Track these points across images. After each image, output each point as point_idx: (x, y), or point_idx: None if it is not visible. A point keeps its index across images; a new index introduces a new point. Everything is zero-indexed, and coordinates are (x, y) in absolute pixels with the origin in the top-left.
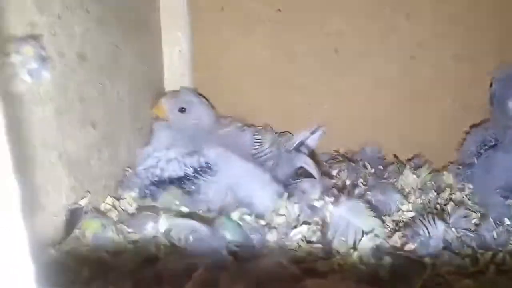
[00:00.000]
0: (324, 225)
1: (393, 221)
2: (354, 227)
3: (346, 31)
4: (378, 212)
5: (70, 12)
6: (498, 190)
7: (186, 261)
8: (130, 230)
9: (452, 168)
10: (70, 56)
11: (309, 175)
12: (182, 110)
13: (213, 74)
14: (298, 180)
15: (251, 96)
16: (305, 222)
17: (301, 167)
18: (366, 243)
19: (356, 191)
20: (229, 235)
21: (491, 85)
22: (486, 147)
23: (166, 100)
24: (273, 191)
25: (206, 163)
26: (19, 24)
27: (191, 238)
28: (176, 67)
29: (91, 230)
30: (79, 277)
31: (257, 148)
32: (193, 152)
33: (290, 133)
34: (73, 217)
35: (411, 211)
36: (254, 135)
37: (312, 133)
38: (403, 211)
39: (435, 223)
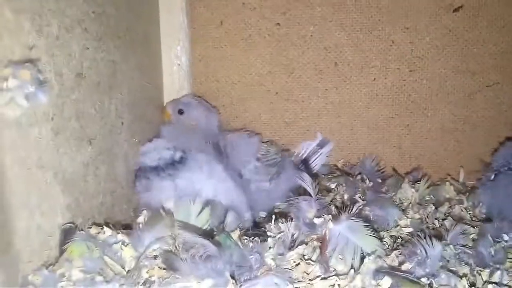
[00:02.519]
0: (322, 244)
1: (391, 236)
2: (353, 246)
3: (346, 44)
4: (377, 226)
5: (68, 32)
6: None
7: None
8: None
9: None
10: (68, 75)
11: (306, 192)
12: (180, 111)
13: (212, 87)
14: (294, 198)
15: (250, 109)
16: (302, 242)
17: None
18: (369, 265)
19: (355, 207)
20: (232, 255)
21: None
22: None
23: (169, 104)
24: (235, 217)
25: (181, 158)
26: (17, 47)
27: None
28: (175, 81)
29: (77, 253)
30: None
31: (264, 154)
32: (176, 147)
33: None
34: (66, 237)
35: (409, 226)
36: (261, 141)
37: (320, 147)
38: (401, 227)
39: (432, 243)
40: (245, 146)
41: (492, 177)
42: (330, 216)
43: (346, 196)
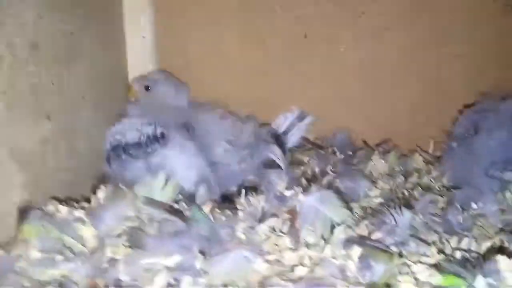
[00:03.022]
0: (293, 216)
1: (362, 207)
2: (324, 217)
3: (315, 15)
4: (347, 198)
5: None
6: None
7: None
8: None
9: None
10: (21, 46)
11: (277, 166)
12: (147, 88)
13: (180, 61)
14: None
15: (221, 84)
16: (273, 215)
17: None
18: (338, 235)
19: (326, 179)
20: (201, 229)
21: None
22: (470, 132)
23: (135, 80)
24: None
25: (162, 133)
26: None
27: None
28: (140, 55)
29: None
30: None
31: (236, 136)
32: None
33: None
34: (23, 216)
35: (379, 197)
36: (234, 123)
37: (299, 120)
38: (371, 198)
39: (401, 212)
40: (216, 128)
41: (454, 145)
42: (300, 188)
43: (317, 169)
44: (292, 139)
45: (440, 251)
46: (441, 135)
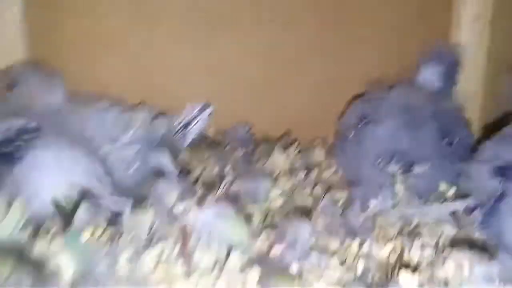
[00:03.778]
0: (184, 236)
1: (262, 211)
2: (220, 237)
3: None
4: (248, 201)
5: None
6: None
7: None
8: None
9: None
10: None
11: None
12: (9, 87)
13: (53, 44)
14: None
15: (106, 72)
16: (161, 236)
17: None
18: (235, 258)
19: (222, 185)
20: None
21: None
22: (366, 120)
23: None
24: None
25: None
26: None
27: None
28: (4, 37)
29: None
30: None
31: (122, 132)
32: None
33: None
34: None
35: (280, 197)
36: (118, 116)
37: (200, 111)
38: (272, 199)
39: (301, 223)
40: (99, 125)
41: (345, 137)
42: (194, 200)
43: (215, 170)
44: (193, 133)
45: (342, 262)
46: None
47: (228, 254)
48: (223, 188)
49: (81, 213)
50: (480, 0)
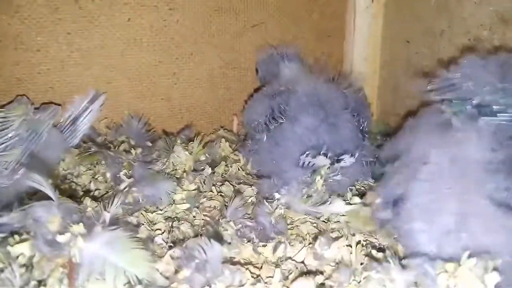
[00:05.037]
0: (70, 270)
1: (166, 219)
2: (113, 268)
3: None
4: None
5: None
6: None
7: None
8: None
9: (226, 135)
10: None
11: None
12: None
13: None
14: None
15: None
16: (41, 273)
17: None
18: None
19: (115, 201)
20: None
21: (256, 71)
22: (276, 122)
23: None
24: None
25: None
26: None
27: None
28: None
29: None
30: None
31: None
32: None
33: (57, 104)
34: None
35: (185, 201)
36: None
37: (90, 102)
38: (176, 204)
39: (211, 243)
40: None
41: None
42: (79, 227)
43: (108, 176)
44: (83, 128)
45: (256, 277)
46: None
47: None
48: (117, 201)
49: None
50: None
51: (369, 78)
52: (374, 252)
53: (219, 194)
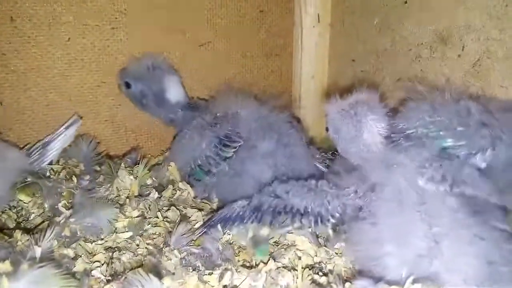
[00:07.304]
0: None
1: (106, 249)
2: None
3: None
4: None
5: None
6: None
7: None
8: None
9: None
10: None
11: None
12: None
13: None
14: None
15: None
16: None
17: None
18: None
19: (47, 235)
20: None
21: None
22: (232, 147)
23: None
24: None
25: None
26: None
27: None
28: None
29: None
30: None
31: None
32: None
33: None
34: None
35: (127, 229)
36: None
37: (67, 128)
38: (117, 232)
39: (149, 277)
40: None
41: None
42: (5, 265)
43: (47, 206)
44: (54, 152)
45: None
46: None
47: None
48: (50, 234)
49: None
50: (319, 4)
51: (317, 95)
52: (317, 277)
53: (164, 220)
